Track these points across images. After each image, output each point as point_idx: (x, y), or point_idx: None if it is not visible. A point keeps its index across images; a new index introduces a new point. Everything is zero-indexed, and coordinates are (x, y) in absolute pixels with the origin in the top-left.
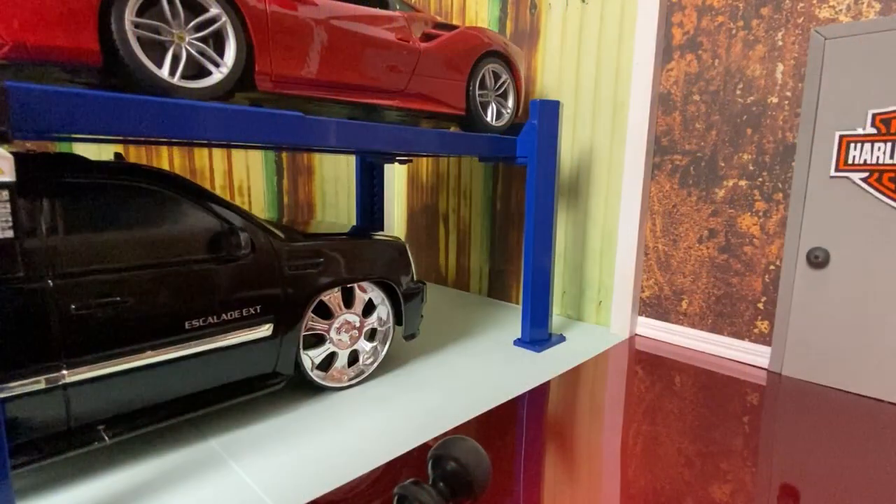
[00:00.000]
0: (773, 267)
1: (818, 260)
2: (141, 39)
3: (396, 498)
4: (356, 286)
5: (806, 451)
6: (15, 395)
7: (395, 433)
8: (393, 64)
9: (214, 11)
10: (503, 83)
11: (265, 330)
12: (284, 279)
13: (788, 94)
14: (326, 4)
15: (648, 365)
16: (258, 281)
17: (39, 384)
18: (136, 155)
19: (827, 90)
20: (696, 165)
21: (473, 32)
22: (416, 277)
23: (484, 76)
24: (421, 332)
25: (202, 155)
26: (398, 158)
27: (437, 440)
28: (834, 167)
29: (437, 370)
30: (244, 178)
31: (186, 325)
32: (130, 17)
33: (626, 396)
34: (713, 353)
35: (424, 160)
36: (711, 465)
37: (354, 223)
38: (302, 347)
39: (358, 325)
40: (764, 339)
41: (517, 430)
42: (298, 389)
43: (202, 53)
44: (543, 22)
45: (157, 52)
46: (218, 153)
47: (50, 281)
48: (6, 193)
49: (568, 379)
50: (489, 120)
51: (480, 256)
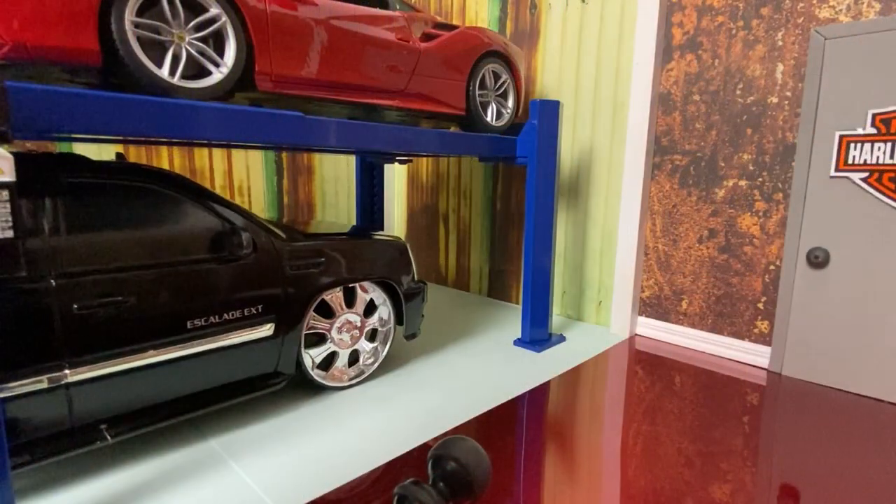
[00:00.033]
0: (773, 267)
1: (818, 260)
2: (141, 39)
3: (396, 498)
4: (358, 286)
5: (806, 451)
6: (18, 394)
7: (395, 433)
8: (393, 64)
9: (214, 11)
10: (503, 83)
11: (267, 329)
12: (286, 279)
13: (788, 94)
14: (326, 4)
15: (648, 365)
16: (260, 281)
17: (42, 383)
18: (136, 155)
19: (827, 90)
20: (696, 165)
21: (473, 32)
22: (416, 277)
23: (484, 76)
24: (421, 331)
25: (202, 155)
26: (398, 158)
27: (437, 440)
28: (834, 167)
29: (437, 370)
30: (244, 178)
31: (188, 324)
32: (130, 17)
33: (626, 396)
34: (713, 353)
35: (424, 160)
36: (711, 465)
37: (354, 223)
38: (303, 346)
39: (359, 324)
40: (764, 339)
41: (517, 430)
42: (298, 389)
43: (202, 53)
44: (543, 22)
45: (157, 52)
46: (218, 153)
47: (52, 280)
48: (6, 193)
49: (568, 379)
50: (489, 120)
51: (480, 256)
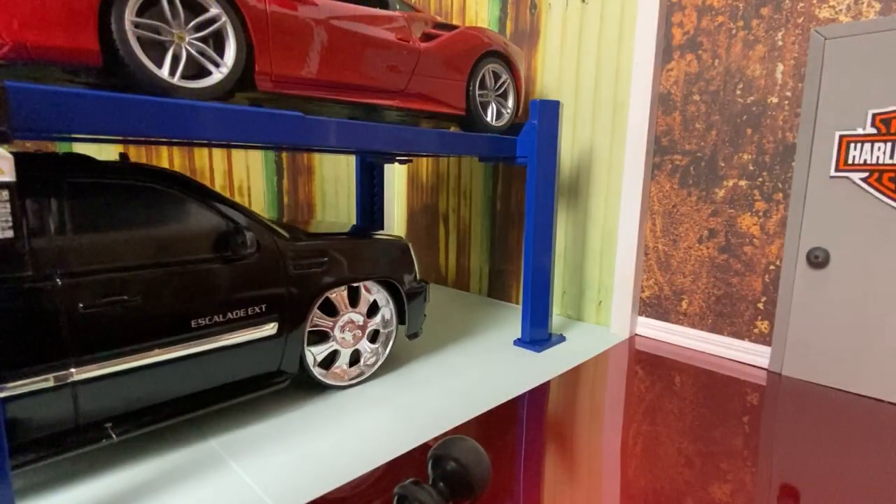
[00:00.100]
0: (773, 267)
1: (818, 260)
2: (141, 39)
3: (396, 498)
4: (362, 286)
5: (806, 451)
6: (25, 392)
7: (395, 433)
8: (393, 64)
9: (214, 11)
10: (503, 83)
11: (270, 329)
12: (289, 278)
13: (788, 94)
14: (326, 4)
15: (648, 365)
16: (263, 280)
17: (48, 382)
18: (135, 155)
19: (827, 90)
20: (696, 165)
21: (473, 32)
22: (418, 277)
23: (484, 76)
24: (423, 331)
25: (202, 155)
26: (398, 158)
27: (437, 440)
28: (834, 167)
29: (437, 370)
30: (244, 178)
31: (193, 323)
32: (130, 17)
33: (626, 396)
34: (713, 353)
35: (424, 160)
36: (711, 465)
37: (354, 223)
38: (306, 343)
39: (361, 324)
40: (764, 339)
41: (517, 430)
42: (299, 389)
43: (202, 53)
44: (543, 22)
45: (157, 52)
46: (218, 153)
47: (58, 280)
48: (6, 193)
49: (568, 379)
50: (489, 120)
51: (480, 256)
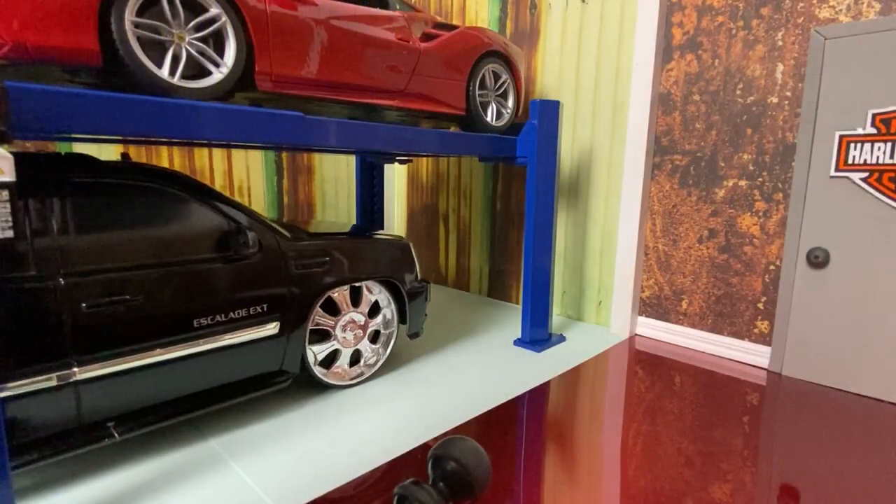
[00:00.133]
0: (773, 267)
1: (818, 260)
2: (141, 39)
3: (396, 498)
4: (364, 287)
5: (806, 451)
6: (27, 392)
7: (395, 433)
8: (393, 64)
9: (214, 11)
10: (503, 83)
11: (272, 328)
12: (291, 278)
13: (788, 94)
14: (326, 4)
15: (648, 365)
16: (265, 280)
17: (51, 381)
18: (135, 155)
19: (827, 90)
20: (696, 165)
21: (473, 32)
22: (420, 276)
23: (484, 76)
24: (424, 330)
25: (202, 155)
26: (398, 158)
27: (437, 440)
28: (834, 167)
29: (437, 370)
30: (244, 178)
31: (195, 323)
32: (130, 17)
33: (626, 396)
34: (713, 353)
35: (424, 160)
36: (711, 465)
37: (354, 223)
38: (307, 342)
39: (363, 324)
40: (764, 339)
41: (517, 430)
42: (299, 389)
43: (202, 53)
44: (543, 22)
45: (157, 52)
46: (218, 153)
47: (61, 279)
48: (6, 193)
49: (568, 379)
50: (489, 120)
51: (480, 256)
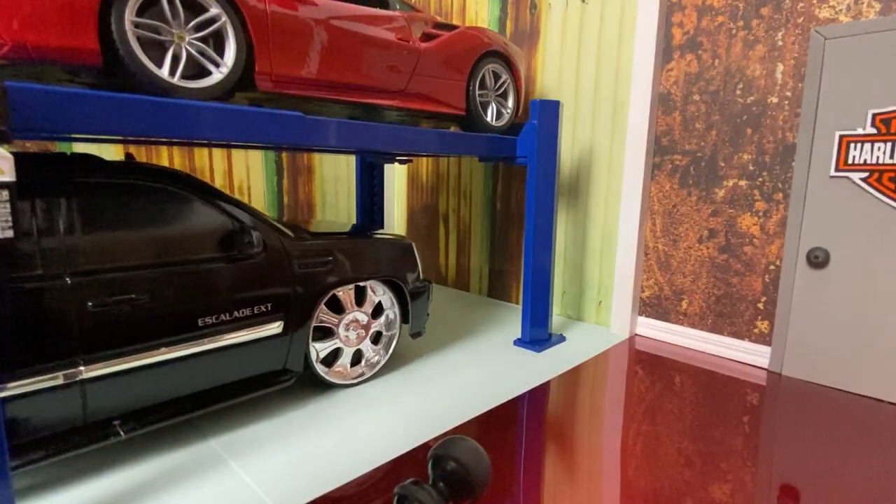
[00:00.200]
0: (773, 267)
1: (818, 260)
2: (141, 39)
3: (396, 498)
4: (368, 287)
5: (806, 451)
6: (34, 390)
7: (395, 433)
8: (393, 64)
9: (214, 11)
10: (503, 83)
11: (276, 327)
12: (295, 277)
13: (788, 94)
14: (326, 4)
15: (648, 365)
16: (269, 279)
17: (58, 380)
18: (136, 155)
19: (827, 90)
20: (696, 165)
21: (473, 32)
22: (422, 276)
23: (484, 76)
24: (426, 330)
25: (202, 155)
26: (398, 158)
27: (437, 440)
28: (834, 167)
29: (437, 370)
30: (244, 178)
31: (199, 322)
32: (130, 17)
33: (626, 396)
34: (713, 353)
35: (424, 160)
36: (711, 465)
37: (354, 222)
38: (310, 339)
39: (365, 324)
40: (764, 339)
41: (517, 430)
42: (299, 389)
43: (202, 53)
44: (543, 22)
45: (157, 52)
46: (218, 153)
47: (67, 279)
48: (6, 193)
49: (568, 379)
50: (489, 120)
51: (480, 256)
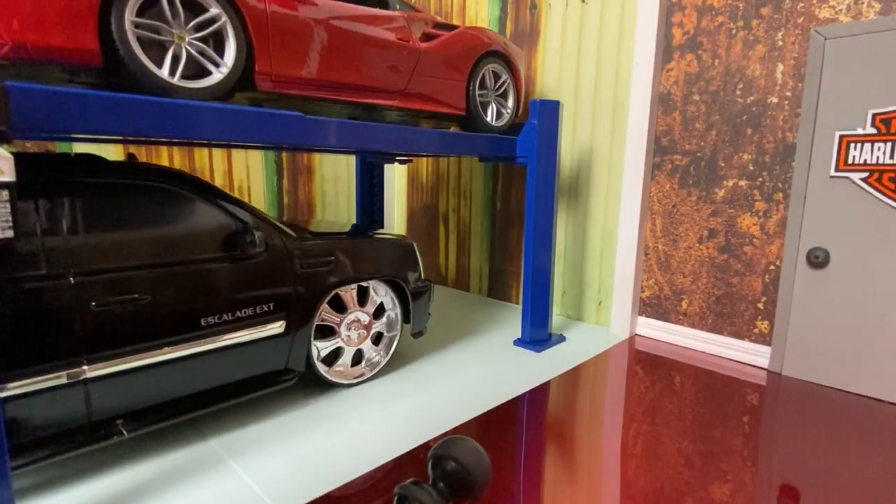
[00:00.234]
0: (773, 267)
1: (818, 260)
2: (141, 39)
3: (396, 498)
4: (371, 288)
5: (806, 451)
6: (38, 389)
7: (395, 433)
8: (393, 64)
9: (214, 11)
10: (503, 83)
11: (278, 327)
12: (297, 277)
13: (788, 94)
14: (326, 4)
15: (648, 365)
16: (271, 279)
17: (61, 379)
18: (136, 155)
19: (827, 90)
20: (696, 165)
21: (473, 32)
22: (423, 276)
23: (484, 76)
24: (427, 330)
25: (202, 155)
26: (398, 158)
27: (437, 440)
28: (834, 167)
29: (437, 370)
30: (244, 178)
31: (202, 321)
32: (130, 17)
33: (626, 396)
34: (713, 353)
35: (424, 160)
36: (711, 465)
37: (354, 222)
38: (312, 337)
39: (367, 324)
40: (764, 339)
41: (517, 430)
42: (299, 389)
43: (202, 53)
44: (543, 22)
45: (157, 52)
46: (218, 153)
47: (71, 278)
48: (6, 193)
49: (568, 379)
50: (489, 120)
51: (480, 256)
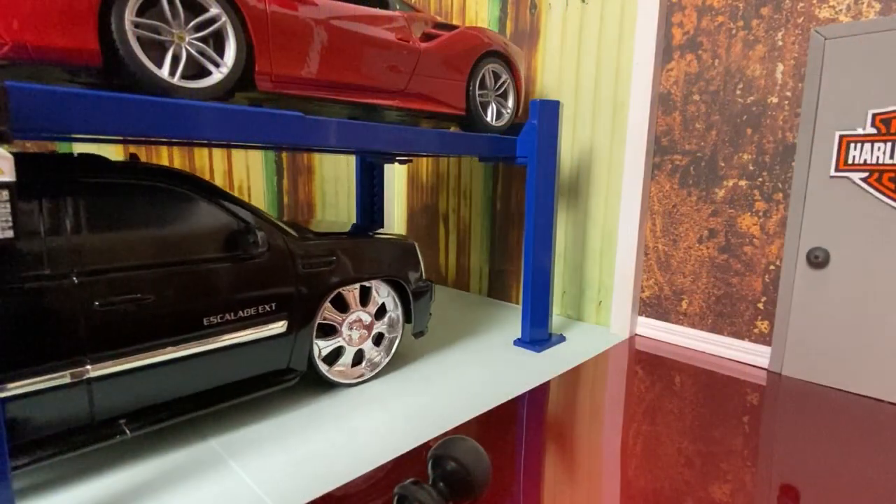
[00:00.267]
0: (773, 267)
1: (818, 260)
2: (141, 39)
3: (396, 498)
4: (373, 289)
5: (806, 451)
6: (41, 389)
7: (395, 433)
8: (393, 64)
9: (214, 11)
10: (503, 83)
11: (280, 327)
12: (299, 277)
13: (788, 94)
14: (326, 4)
15: (648, 365)
16: (274, 279)
17: (65, 378)
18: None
19: (827, 90)
20: (696, 165)
21: (473, 32)
22: (424, 275)
23: (484, 76)
24: (429, 329)
25: (202, 155)
26: (398, 158)
27: (437, 440)
28: (834, 167)
29: (437, 370)
30: (244, 178)
31: (205, 321)
32: (130, 17)
33: (626, 396)
34: (713, 353)
35: (424, 160)
36: (711, 465)
37: (354, 222)
38: (314, 336)
39: (368, 324)
40: (764, 339)
41: (517, 430)
42: (299, 389)
43: (202, 53)
44: (543, 22)
45: (157, 52)
46: (218, 153)
47: (75, 278)
48: (6, 193)
49: (568, 379)
50: (489, 120)
51: (480, 256)
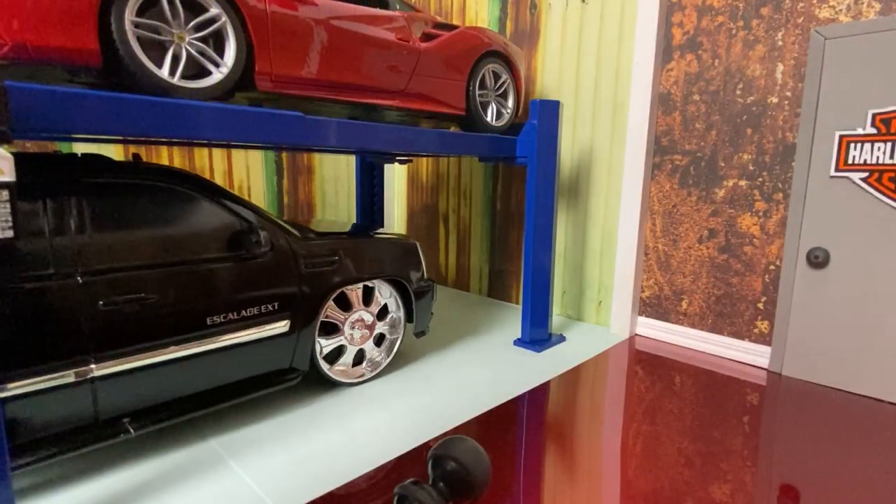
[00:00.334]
0: (773, 267)
1: (818, 260)
2: (141, 39)
3: (396, 498)
4: (376, 289)
5: (806, 451)
6: (45, 388)
7: (395, 433)
8: (393, 64)
9: (214, 11)
10: (503, 83)
11: (283, 326)
12: (301, 277)
13: (788, 94)
14: (326, 4)
15: (648, 365)
16: (276, 279)
17: (69, 378)
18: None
19: (827, 90)
20: (696, 165)
21: (473, 32)
22: (426, 275)
23: (484, 76)
24: (430, 329)
25: (202, 155)
26: (398, 158)
27: (437, 440)
28: (834, 167)
29: (437, 370)
30: (244, 178)
31: (208, 321)
32: (130, 17)
33: (626, 396)
34: (713, 353)
35: (424, 160)
36: (711, 465)
37: (354, 221)
38: (317, 334)
39: (370, 324)
40: (764, 339)
41: (517, 430)
42: (299, 389)
43: (202, 53)
44: (543, 22)
45: (157, 52)
46: (218, 153)
47: (79, 278)
48: (6, 193)
49: (568, 379)
50: (489, 120)
51: (480, 256)
